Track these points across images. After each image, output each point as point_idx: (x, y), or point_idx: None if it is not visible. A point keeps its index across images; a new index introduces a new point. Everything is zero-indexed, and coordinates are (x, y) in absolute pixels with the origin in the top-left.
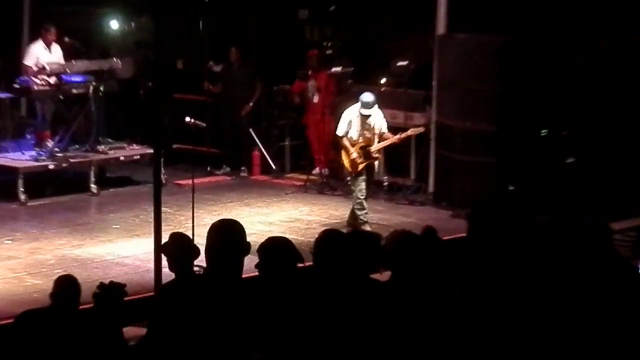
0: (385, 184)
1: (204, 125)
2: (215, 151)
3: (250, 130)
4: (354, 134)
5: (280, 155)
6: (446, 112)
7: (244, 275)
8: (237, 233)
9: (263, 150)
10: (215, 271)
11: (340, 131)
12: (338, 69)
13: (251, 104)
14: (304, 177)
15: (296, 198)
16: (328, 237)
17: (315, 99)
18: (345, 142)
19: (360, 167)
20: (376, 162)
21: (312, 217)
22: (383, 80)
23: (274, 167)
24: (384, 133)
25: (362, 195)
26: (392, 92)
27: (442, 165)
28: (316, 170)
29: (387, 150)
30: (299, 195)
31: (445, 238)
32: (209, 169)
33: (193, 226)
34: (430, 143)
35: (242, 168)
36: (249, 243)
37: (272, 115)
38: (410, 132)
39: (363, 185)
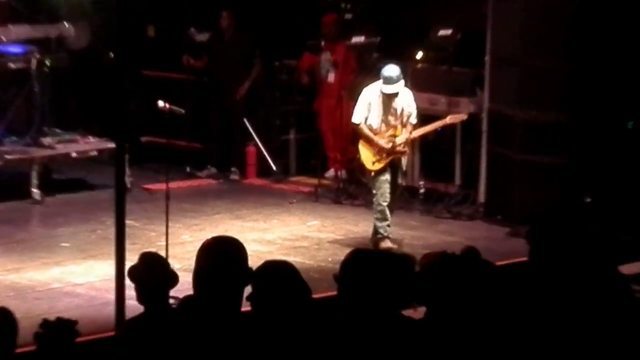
0: (422, 191)
1: (183, 112)
2: (198, 146)
3: (245, 119)
4: (375, 120)
5: (283, 153)
6: (503, 97)
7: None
8: (237, 255)
9: (260, 145)
10: (206, 303)
11: (356, 117)
12: (360, 38)
13: (246, 85)
14: (314, 181)
15: (304, 209)
16: (360, 260)
17: (331, 78)
18: (365, 129)
19: (379, 164)
20: (404, 160)
21: (324, 234)
22: (419, 55)
23: (274, 167)
24: (413, 124)
25: (384, 201)
26: (431, 71)
27: (497, 168)
28: (330, 173)
29: (423, 148)
30: (307, 205)
31: (499, 263)
32: (188, 169)
33: (167, 245)
34: (482, 138)
35: (233, 169)
36: (251, 269)
37: (273, 100)
38: (448, 119)
39: (386, 187)
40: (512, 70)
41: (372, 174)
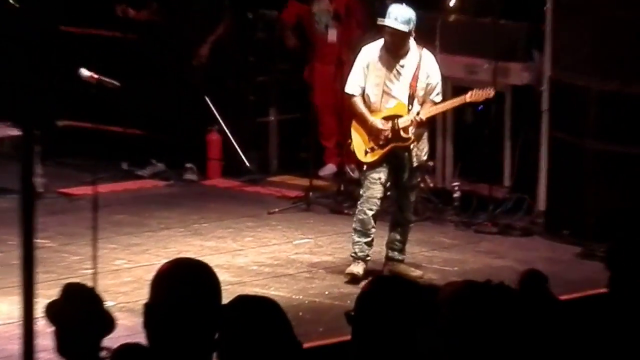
0: (456, 195)
1: (118, 85)
2: (138, 133)
3: (206, 97)
4: (373, 91)
5: (260, 142)
6: (571, 61)
7: None
8: (207, 288)
9: (227, 131)
10: (160, 357)
11: (350, 86)
12: None
13: (208, 45)
14: (305, 181)
15: (290, 221)
16: (387, 293)
17: (331, 36)
18: (359, 103)
19: (372, 155)
20: (415, 150)
21: (318, 257)
22: (452, 2)
23: (247, 163)
24: (435, 102)
25: (369, 209)
26: (468, 25)
27: (563, 162)
28: (327, 169)
29: (458, 135)
30: (294, 215)
31: (565, 297)
32: (126, 166)
33: (95, 274)
34: (541, 120)
35: (188, 165)
36: (223, 307)
37: (246, 67)
38: (468, 97)
39: (376, 190)
40: (584, 23)
41: (364, 167)
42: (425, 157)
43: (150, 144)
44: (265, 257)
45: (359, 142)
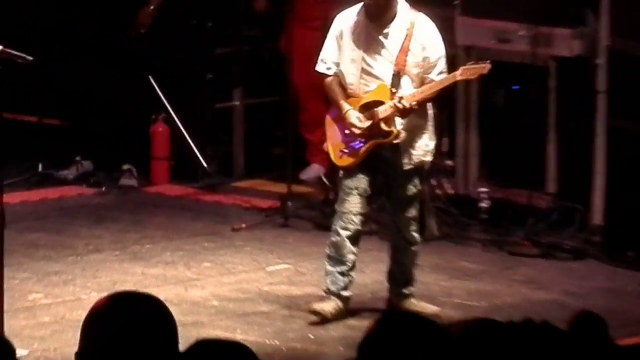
0: (484, 205)
1: (31, 59)
2: (58, 123)
3: (149, 77)
4: (350, 70)
5: (221, 136)
6: (637, 27)
7: None
8: (161, 329)
9: (178, 122)
10: None
11: (322, 63)
12: None
13: (151, 7)
14: (281, 187)
15: (261, 240)
16: (397, 335)
17: None
18: (333, 86)
19: (347, 157)
20: (409, 150)
21: (299, 287)
22: None
23: (204, 164)
24: (435, 81)
25: (343, 228)
26: None
27: (626, 161)
28: (311, 171)
29: (484, 126)
30: (267, 232)
31: (628, 342)
32: (41, 167)
33: (2, 315)
34: (596, 104)
35: (125, 167)
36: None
37: (201, 35)
38: (459, 73)
39: (352, 202)
40: None
41: (340, 172)
42: (428, 157)
43: (74, 137)
44: (229, 289)
45: (334, 141)
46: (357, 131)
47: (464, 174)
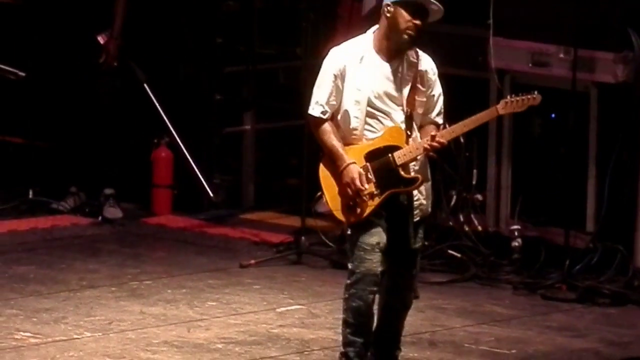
0: (516, 244)
1: (23, 75)
2: (51, 147)
3: (146, 85)
4: (353, 113)
5: (229, 163)
6: None
7: None
8: None
9: (182, 147)
10: None
11: (317, 107)
12: None
13: (116, 28)
14: (295, 220)
15: (272, 278)
16: None
17: (368, 5)
18: (328, 131)
19: (362, 208)
20: (423, 190)
21: (313, 331)
22: None
23: (211, 193)
24: (439, 124)
25: (368, 292)
26: None
27: None
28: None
29: (516, 158)
30: (278, 269)
31: None
32: (31, 193)
33: None
34: None
35: (108, 192)
36: None
37: (210, 51)
38: (500, 107)
39: (373, 260)
40: None
41: (348, 229)
42: (430, 207)
43: (67, 161)
44: (236, 331)
45: (333, 194)
46: (355, 190)
47: (495, 209)
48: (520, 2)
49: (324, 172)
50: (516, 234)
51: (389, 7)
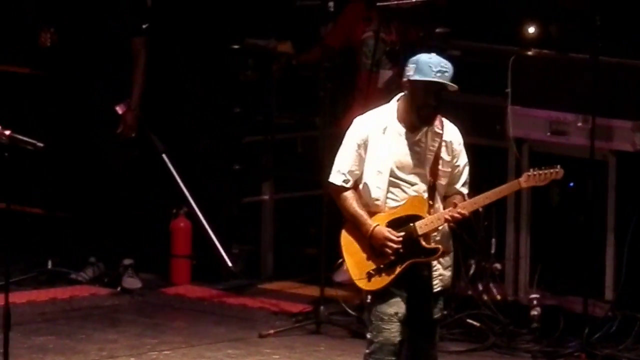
0: (535, 313)
1: (41, 146)
2: (70, 217)
3: (164, 156)
4: (375, 184)
5: (248, 233)
6: None
7: None
8: None
9: (201, 217)
10: None
11: (339, 175)
12: None
13: (134, 98)
14: (314, 290)
15: (291, 348)
16: None
17: (383, 79)
18: (351, 200)
19: (380, 278)
20: (443, 261)
21: None
22: (532, 29)
23: (229, 263)
24: (464, 193)
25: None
26: (555, 63)
27: None
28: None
29: (535, 227)
30: (297, 339)
31: None
32: (50, 264)
33: None
34: None
35: (128, 262)
36: None
37: (228, 121)
38: (524, 180)
39: (391, 331)
40: None
41: (368, 298)
42: (451, 280)
43: (86, 232)
44: None
45: (354, 260)
46: (393, 247)
47: (514, 278)
48: (538, 70)
49: (346, 239)
50: (535, 302)
51: (406, 83)
